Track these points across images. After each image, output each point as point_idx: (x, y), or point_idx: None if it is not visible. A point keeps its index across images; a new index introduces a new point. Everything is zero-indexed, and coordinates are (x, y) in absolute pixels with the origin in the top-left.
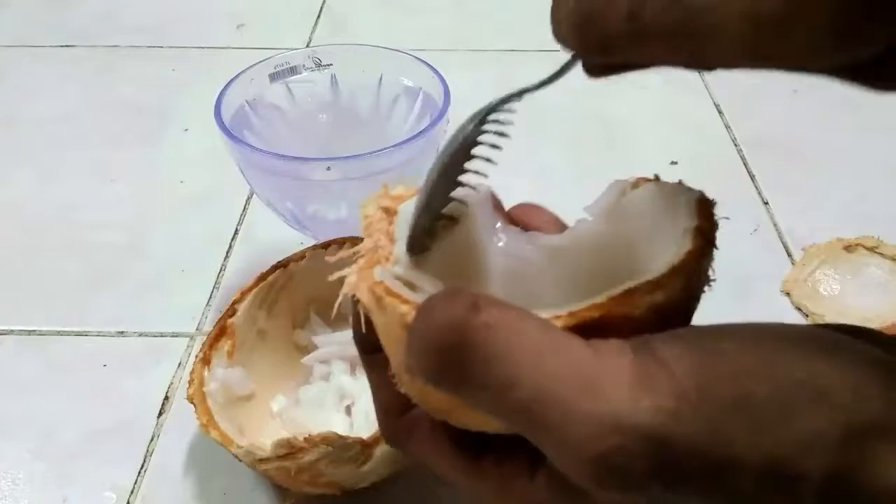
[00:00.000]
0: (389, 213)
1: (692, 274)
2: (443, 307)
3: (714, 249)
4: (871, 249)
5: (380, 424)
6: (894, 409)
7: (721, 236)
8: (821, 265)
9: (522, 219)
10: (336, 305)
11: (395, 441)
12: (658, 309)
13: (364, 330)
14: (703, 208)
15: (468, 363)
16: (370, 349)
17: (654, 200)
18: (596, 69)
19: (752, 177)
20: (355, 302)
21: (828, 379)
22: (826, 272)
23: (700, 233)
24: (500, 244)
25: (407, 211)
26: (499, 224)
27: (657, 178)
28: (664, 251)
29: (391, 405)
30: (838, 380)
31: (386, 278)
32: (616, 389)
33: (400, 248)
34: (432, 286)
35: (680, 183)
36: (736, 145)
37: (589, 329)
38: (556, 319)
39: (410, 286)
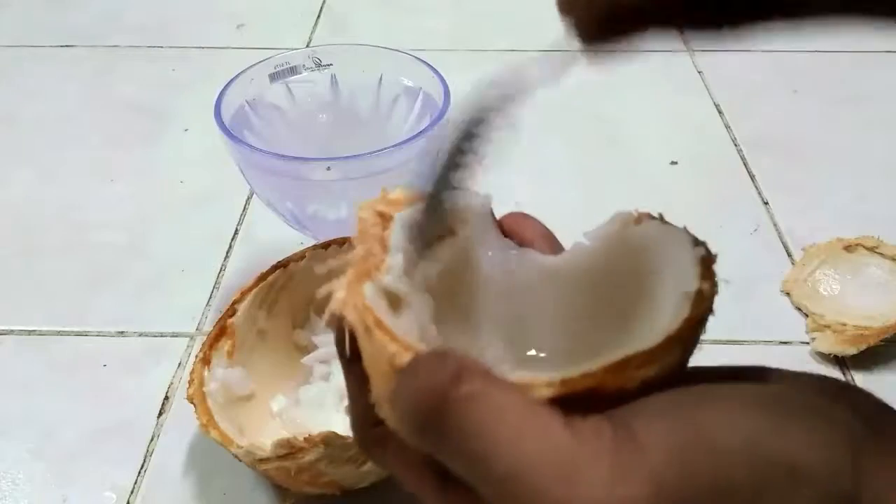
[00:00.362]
0: (385, 218)
1: (688, 342)
2: (427, 372)
3: (711, 315)
4: (871, 249)
5: (353, 431)
6: (862, 483)
7: (721, 236)
8: (821, 265)
9: (514, 229)
10: (325, 317)
11: (366, 450)
12: (650, 381)
13: (348, 347)
14: (707, 266)
15: (445, 432)
16: (351, 358)
17: (656, 243)
18: (591, 30)
19: (752, 177)
20: (340, 318)
21: (802, 455)
22: (826, 272)
23: (701, 299)
24: (497, 261)
25: (404, 219)
26: (496, 240)
27: (661, 218)
28: (661, 302)
29: (366, 415)
30: (812, 455)
31: (375, 304)
32: (591, 478)
33: (393, 258)
34: (422, 303)
35: (685, 231)
36: (736, 145)
37: (578, 398)
38: (548, 388)
39: (398, 303)
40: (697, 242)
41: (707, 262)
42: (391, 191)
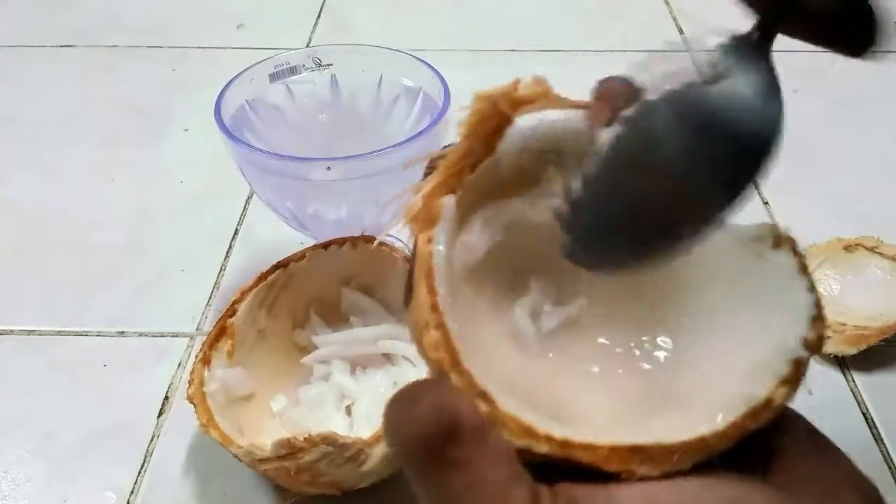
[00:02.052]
0: (503, 119)
1: (719, 450)
2: (423, 420)
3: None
4: (871, 249)
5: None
6: None
7: None
8: (821, 265)
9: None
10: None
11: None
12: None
13: (405, 283)
14: (797, 366)
15: (428, 483)
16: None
17: (771, 284)
18: (769, 25)
19: None
20: (409, 220)
21: None
22: (826, 272)
23: (766, 409)
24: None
25: (524, 125)
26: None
27: (798, 253)
28: (728, 322)
29: None
30: None
31: (438, 261)
32: None
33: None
34: (485, 235)
35: (815, 300)
36: None
37: (603, 472)
38: (546, 443)
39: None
40: (812, 288)
41: (800, 363)
42: (524, 83)
